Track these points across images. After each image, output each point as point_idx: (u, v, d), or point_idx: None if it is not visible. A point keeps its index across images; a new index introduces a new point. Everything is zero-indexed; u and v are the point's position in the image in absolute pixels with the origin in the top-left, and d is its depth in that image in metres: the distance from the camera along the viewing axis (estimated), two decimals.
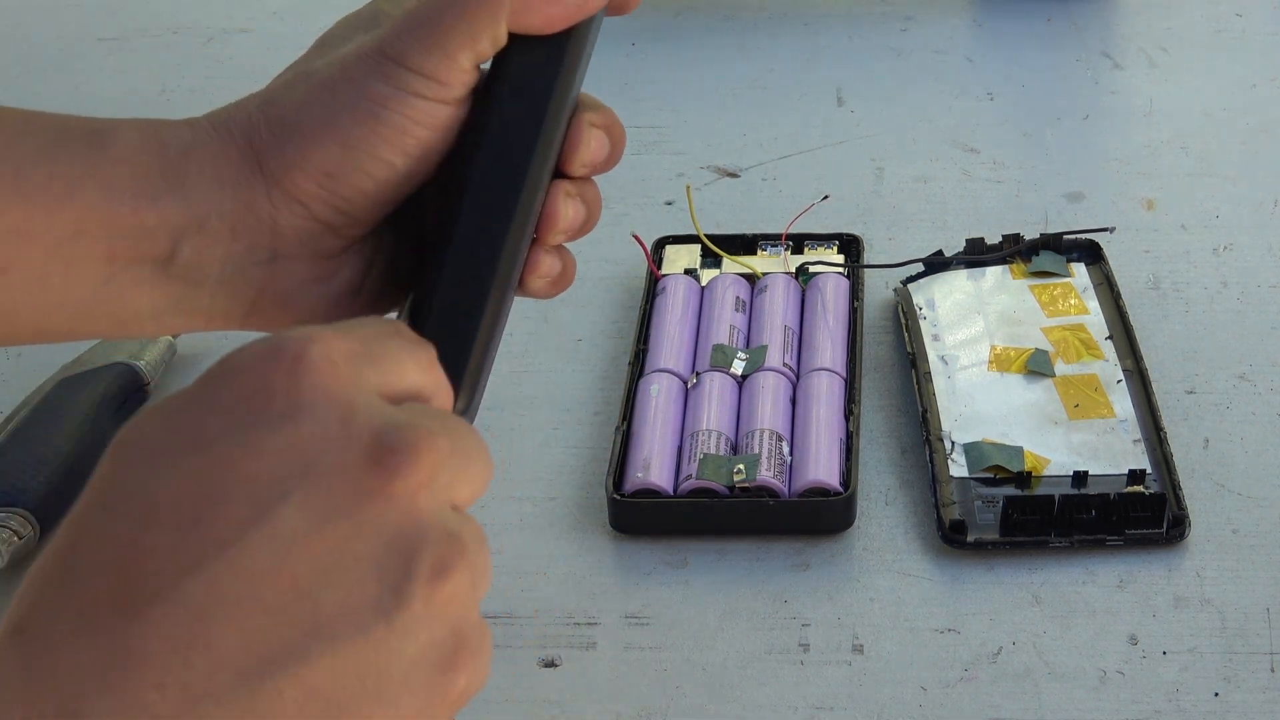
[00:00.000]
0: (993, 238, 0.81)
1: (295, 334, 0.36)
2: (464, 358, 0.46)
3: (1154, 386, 0.72)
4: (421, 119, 0.47)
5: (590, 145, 0.50)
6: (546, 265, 0.51)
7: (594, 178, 0.51)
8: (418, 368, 0.39)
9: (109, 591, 0.33)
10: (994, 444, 0.69)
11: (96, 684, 0.32)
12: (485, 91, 0.48)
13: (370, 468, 0.35)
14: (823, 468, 0.68)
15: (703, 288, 0.80)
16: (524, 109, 0.47)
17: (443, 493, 0.36)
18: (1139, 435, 0.70)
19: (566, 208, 0.50)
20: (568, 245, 0.52)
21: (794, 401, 0.72)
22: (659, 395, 0.72)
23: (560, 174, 0.50)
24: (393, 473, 0.35)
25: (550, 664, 0.63)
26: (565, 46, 0.48)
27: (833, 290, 0.78)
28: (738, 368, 0.74)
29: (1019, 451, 0.69)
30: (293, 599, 0.33)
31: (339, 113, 0.46)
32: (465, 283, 0.47)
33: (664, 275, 0.80)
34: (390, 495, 0.35)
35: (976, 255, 0.81)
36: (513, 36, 0.47)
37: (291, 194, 0.47)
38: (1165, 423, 0.70)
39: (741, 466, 0.68)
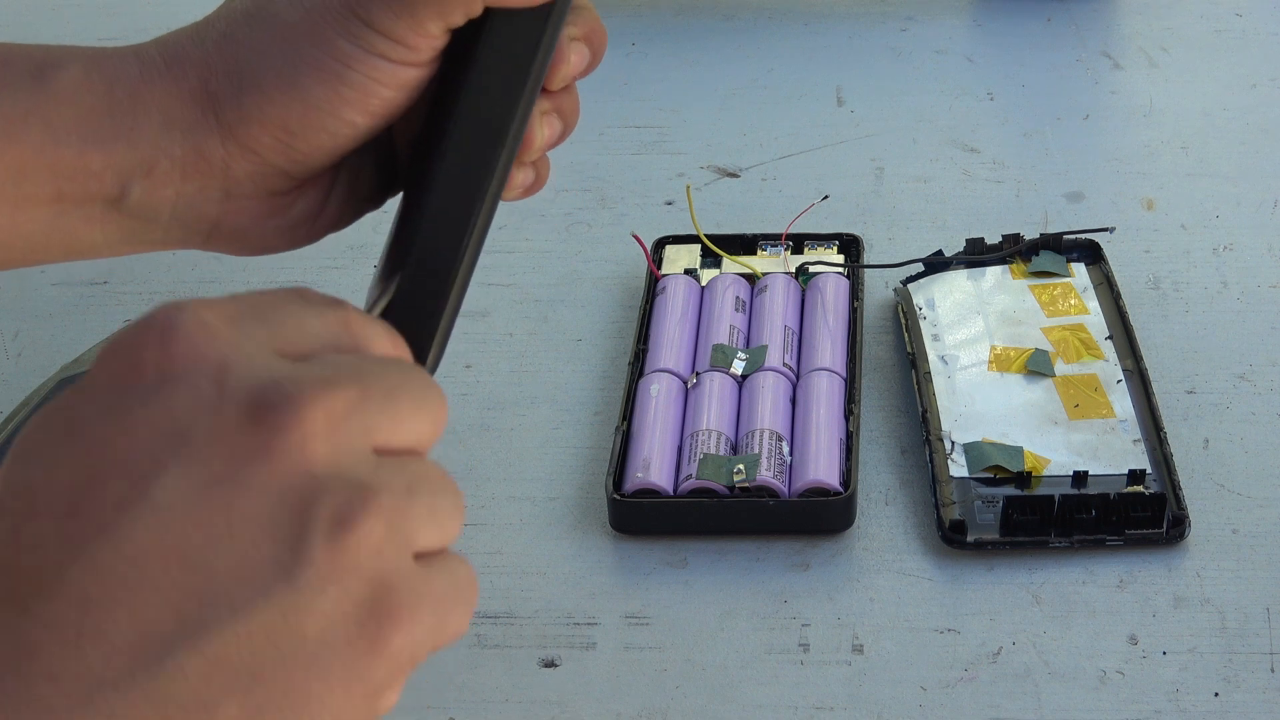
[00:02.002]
0: (993, 238, 0.81)
1: (169, 305, 0.34)
2: (436, 317, 0.46)
3: (1154, 386, 0.72)
4: (386, 80, 0.46)
5: (570, 61, 0.48)
6: (519, 178, 0.49)
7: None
8: (324, 321, 0.37)
9: None
10: (994, 444, 0.69)
11: None
12: (465, 55, 0.47)
13: (248, 427, 0.33)
14: (823, 468, 0.68)
15: (703, 288, 0.80)
16: (505, 79, 0.46)
17: (350, 440, 0.34)
18: (1139, 435, 0.70)
19: (542, 127, 0.49)
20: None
21: (794, 401, 0.72)
22: (659, 395, 0.72)
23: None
24: (273, 429, 0.33)
25: (550, 664, 0.63)
26: (547, 19, 0.47)
27: (833, 290, 0.78)
28: (738, 368, 0.74)
29: (1019, 451, 0.69)
30: (182, 572, 0.32)
31: (302, 70, 0.45)
32: (438, 249, 0.46)
33: (664, 275, 0.80)
34: (272, 452, 0.33)
35: (976, 255, 0.81)
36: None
37: (247, 145, 0.46)
38: (1165, 423, 0.70)
39: (741, 466, 0.68)
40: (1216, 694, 0.60)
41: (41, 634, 0.32)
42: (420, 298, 0.46)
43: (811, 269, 0.79)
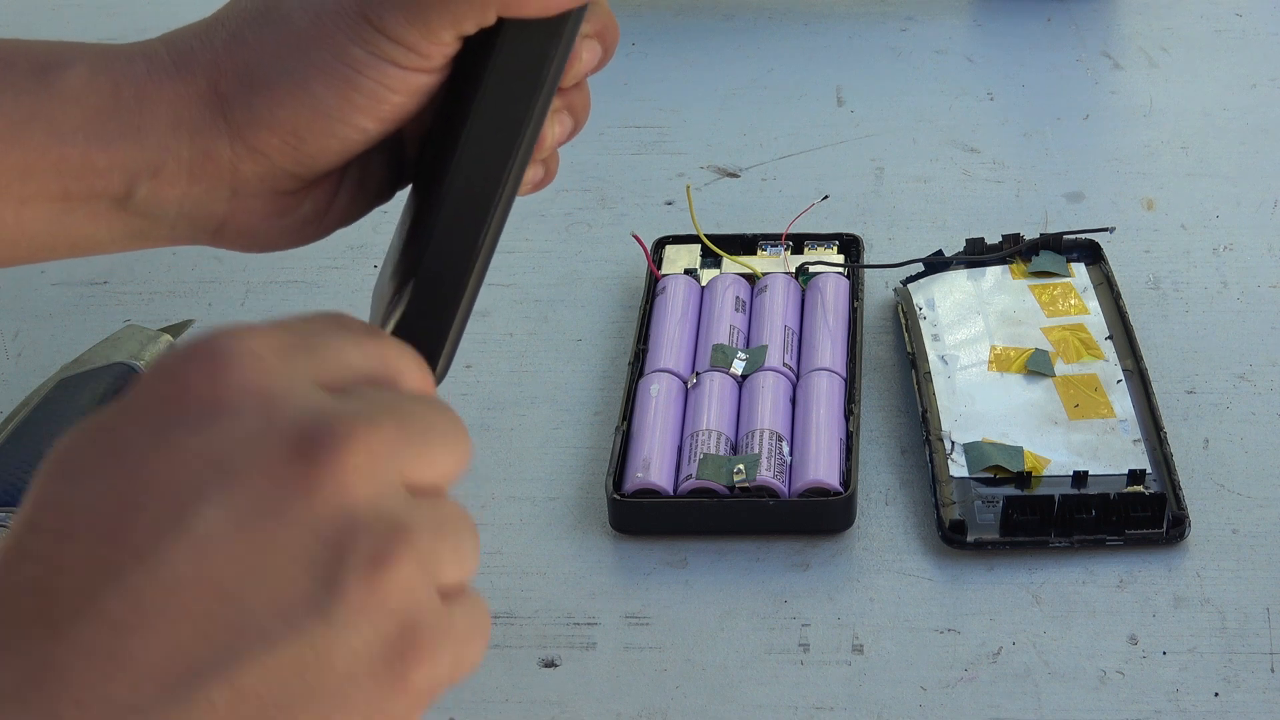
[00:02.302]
0: (993, 238, 0.81)
1: (220, 332, 0.35)
2: (447, 327, 0.46)
3: (1154, 386, 0.72)
4: (397, 86, 0.45)
5: (583, 58, 0.48)
6: (530, 175, 0.49)
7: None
8: (363, 353, 0.37)
9: (30, 610, 0.32)
10: (994, 444, 0.69)
11: (14, 704, 0.31)
12: (478, 61, 0.47)
13: (293, 461, 0.33)
14: (823, 468, 0.68)
15: (703, 288, 0.80)
16: (519, 89, 0.46)
17: (387, 477, 0.35)
18: (1139, 435, 0.70)
19: (553, 126, 0.48)
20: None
21: (794, 401, 0.72)
22: (659, 395, 0.72)
23: None
24: (317, 464, 0.33)
25: (550, 664, 0.63)
26: (563, 30, 0.46)
27: (833, 290, 0.78)
28: (738, 368, 0.74)
29: (1019, 451, 0.69)
30: (217, 602, 0.32)
31: (312, 74, 0.45)
32: (449, 260, 0.46)
33: (664, 275, 0.80)
34: (315, 488, 0.33)
35: (976, 255, 0.81)
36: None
37: (256, 147, 0.46)
38: (1165, 423, 0.70)
39: (741, 466, 0.68)
40: (1216, 694, 0.60)
41: (71, 657, 0.31)
42: (433, 308, 0.46)
43: (811, 269, 0.79)
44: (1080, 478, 0.68)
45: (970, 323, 0.77)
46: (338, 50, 0.45)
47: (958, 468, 0.69)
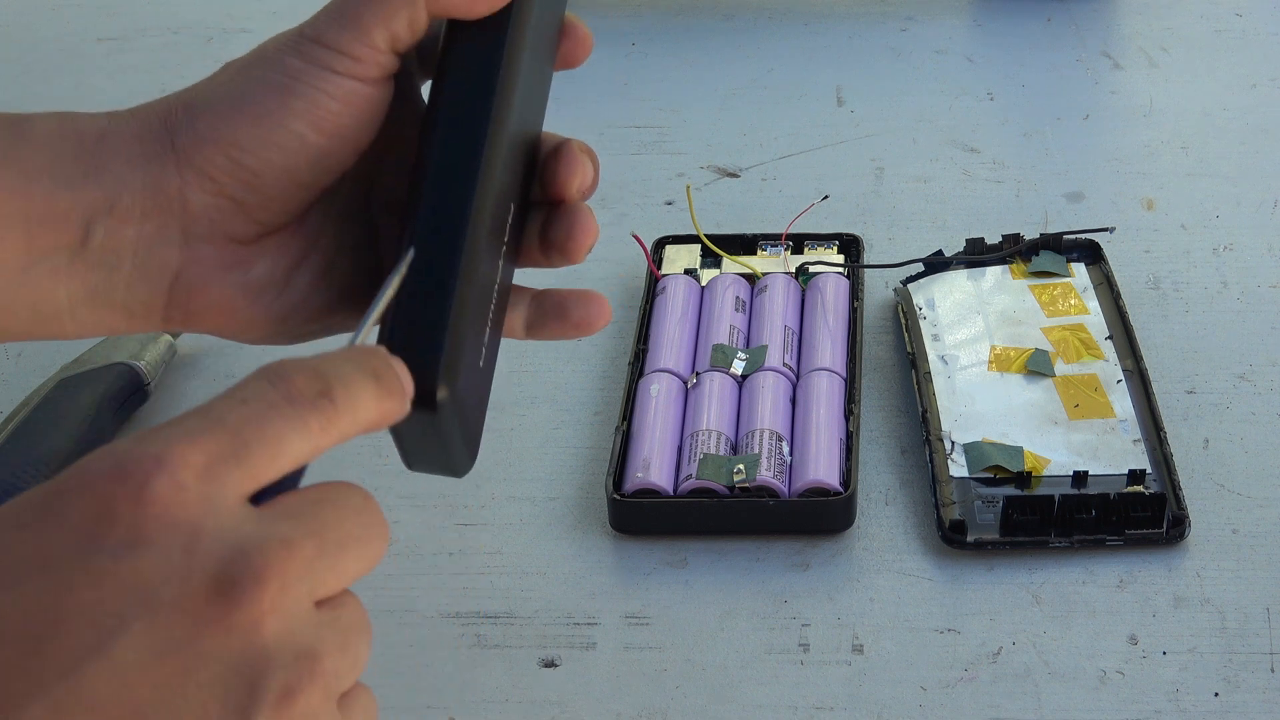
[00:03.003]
0: (993, 238, 0.81)
1: (145, 451, 0.35)
2: (435, 344, 0.44)
3: (1154, 386, 0.72)
4: (334, 93, 0.46)
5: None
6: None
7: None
8: (306, 439, 0.38)
9: None
10: (994, 444, 0.69)
11: None
12: (433, 87, 0.47)
13: (211, 599, 0.35)
14: (823, 468, 0.68)
15: (703, 288, 0.80)
16: (469, 97, 0.46)
17: (300, 605, 0.36)
18: (1139, 435, 0.70)
19: (574, 176, 0.51)
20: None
21: (794, 401, 0.72)
22: (659, 395, 0.72)
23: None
24: (234, 604, 0.35)
25: (550, 664, 0.63)
26: (504, 28, 0.46)
27: (833, 290, 0.78)
28: (738, 368, 0.74)
29: (1019, 451, 0.69)
30: None
31: (252, 88, 0.46)
32: (428, 274, 0.45)
33: (664, 275, 0.80)
34: (231, 626, 0.35)
35: (976, 255, 0.81)
36: (452, 24, 0.47)
37: (200, 168, 0.47)
38: (1165, 423, 0.70)
39: (741, 466, 0.68)
40: (1216, 694, 0.60)
41: None
42: (423, 304, 0.45)
43: (811, 269, 0.79)
44: (1080, 478, 0.68)
45: (970, 323, 0.77)
46: (277, 64, 0.47)
47: (958, 468, 0.69)
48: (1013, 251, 0.80)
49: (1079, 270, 0.80)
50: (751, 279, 0.80)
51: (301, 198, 0.48)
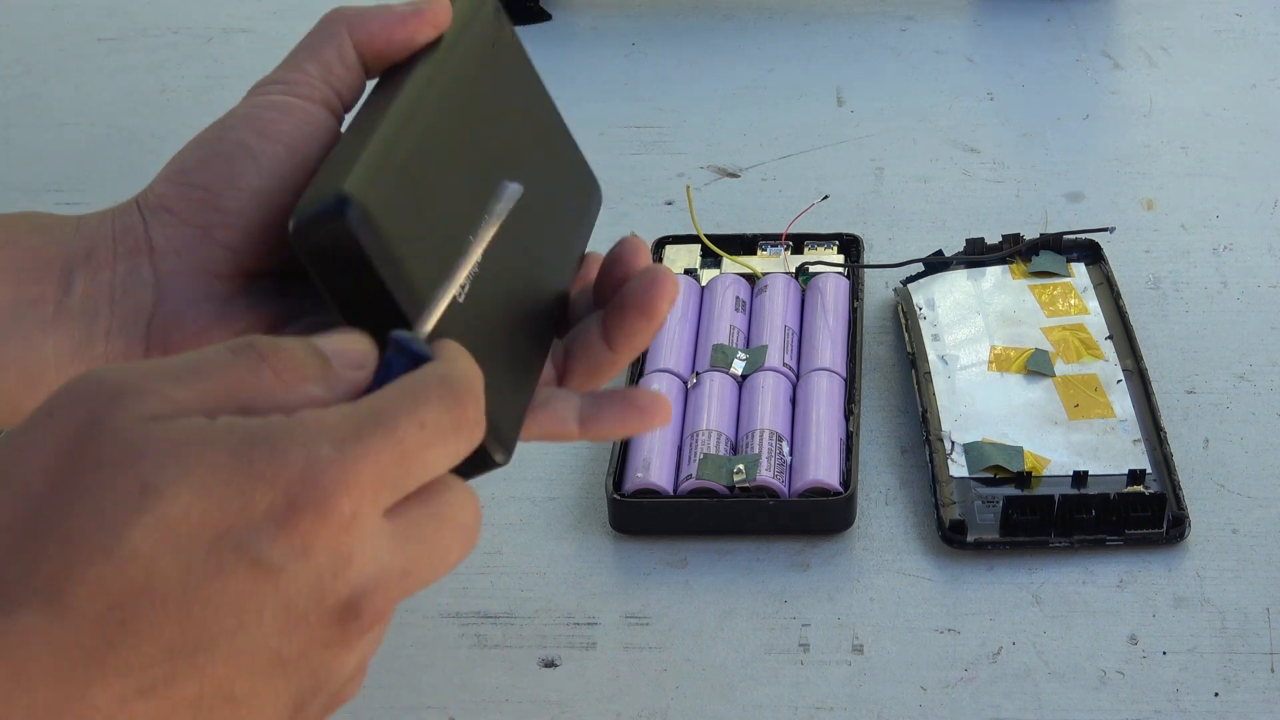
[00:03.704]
0: (993, 238, 0.81)
1: (335, 462, 0.37)
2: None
3: (1154, 386, 0.72)
4: (269, 104, 0.48)
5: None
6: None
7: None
8: (451, 463, 0.40)
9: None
10: (994, 444, 0.69)
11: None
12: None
13: (332, 625, 0.38)
14: (823, 468, 0.68)
15: (703, 288, 0.80)
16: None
17: (380, 635, 0.40)
18: (1139, 435, 0.70)
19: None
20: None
21: (794, 401, 0.72)
22: None
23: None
24: (349, 633, 0.38)
25: (550, 664, 0.63)
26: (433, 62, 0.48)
27: (833, 290, 0.78)
28: (738, 368, 0.74)
29: (1019, 451, 0.69)
30: (223, 703, 0.37)
31: (199, 133, 0.49)
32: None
33: None
34: (334, 650, 0.38)
35: (976, 255, 0.81)
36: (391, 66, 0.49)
37: (156, 204, 0.49)
38: (1165, 423, 0.70)
39: (741, 466, 0.68)
40: (1216, 694, 0.60)
41: (106, 701, 0.36)
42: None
43: (811, 269, 0.79)
44: (1080, 478, 0.68)
45: (970, 323, 0.77)
46: (228, 114, 0.49)
47: (958, 468, 0.69)
48: (1013, 251, 0.80)
49: (1079, 270, 0.80)
50: (751, 279, 0.80)
51: (266, 216, 0.49)
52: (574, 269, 0.53)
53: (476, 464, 0.47)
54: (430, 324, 0.42)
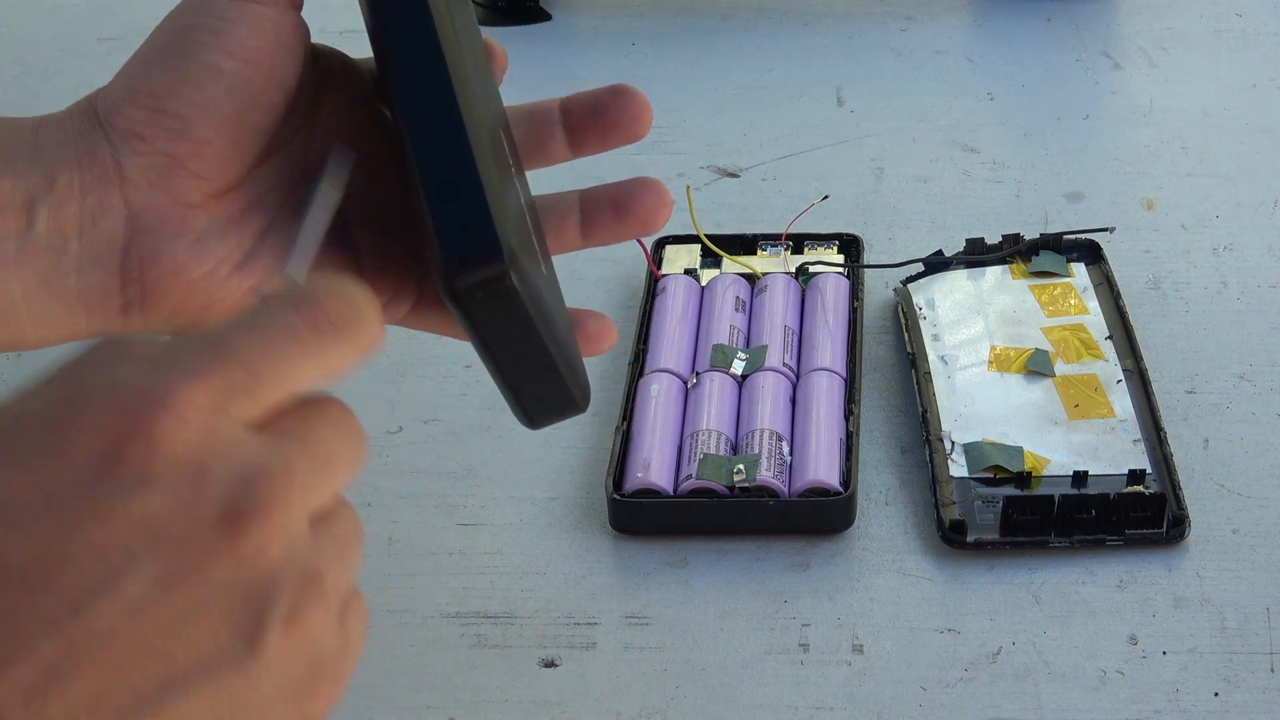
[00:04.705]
0: (993, 238, 0.81)
1: (151, 389, 0.35)
2: (483, 217, 0.43)
3: (1154, 386, 0.72)
4: (238, 18, 0.47)
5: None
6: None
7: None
8: (321, 368, 0.38)
9: None
10: (994, 444, 0.69)
11: None
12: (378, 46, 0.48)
13: (219, 532, 0.35)
14: (823, 468, 0.68)
15: (703, 288, 0.80)
16: (410, 25, 0.47)
17: (299, 525, 0.37)
18: (1139, 435, 0.70)
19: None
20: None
21: (794, 401, 0.72)
22: (659, 395, 0.72)
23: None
24: (242, 535, 0.35)
25: (550, 664, 0.63)
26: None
27: (833, 290, 0.78)
28: (738, 368, 0.74)
29: (1019, 451, 0.69)
30: (144, 655, 0.34)
31: (158, 38, 0.47)
32: (444, 162, 0.44)
33: (664, 275, 0.80)
34: (239, 556, 0.35)
35: (976, 255, 0.81)
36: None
37: (125, 128, 0.47)
38: (1165, 423, 0.70)
39: (741, 466, 0.68)
40: (1216, 694, 0.60)
41: (10, 693, 0.33)
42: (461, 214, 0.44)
43: (811, 269, 0.79)
44: (1080, 478, 0.68)
45: (970, 323, 0.77)
46: (179, 12, 0.48)
47: (958, 468, 0.69)
48: (1013, 251, 0.80)
49: (1079, 270, 0.80)
50: (751, 279, 0.80)
51: (237, 140, 0.48)
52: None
53: (557, 405, 0.46)
54: (303, 275, 0.41)
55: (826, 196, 0.89)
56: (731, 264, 0.81)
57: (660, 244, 0.83)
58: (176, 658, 0.35)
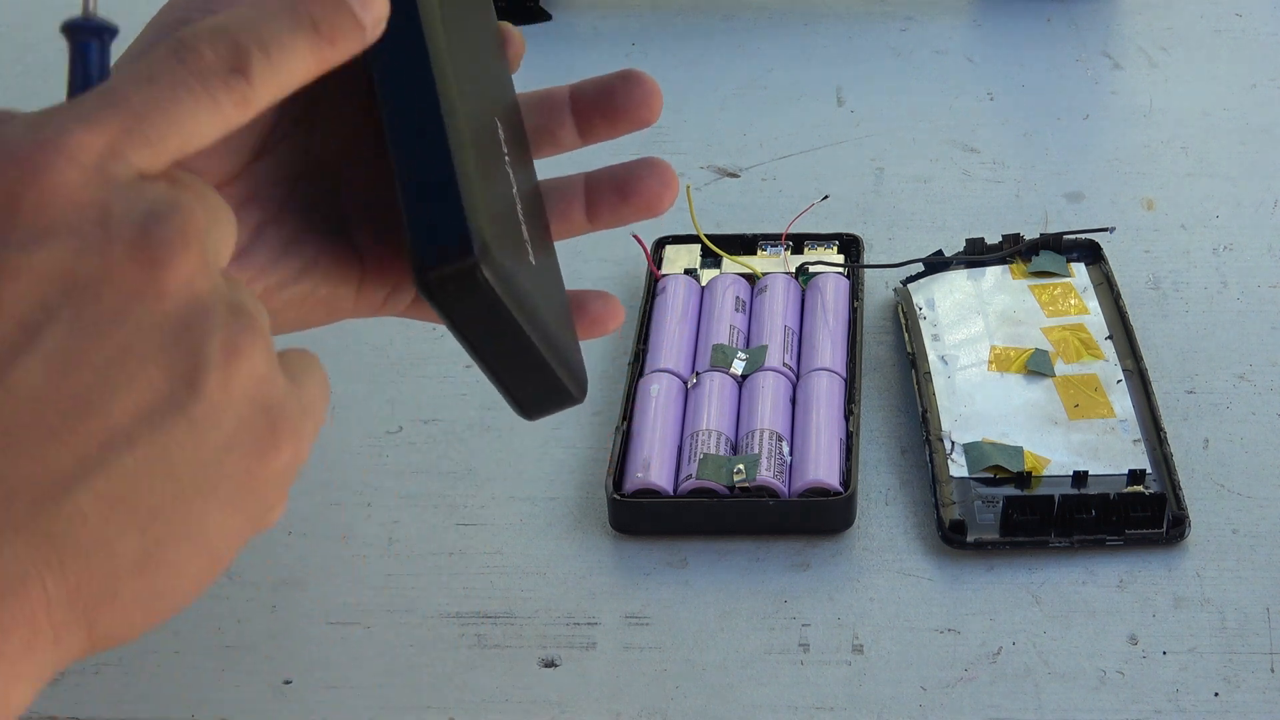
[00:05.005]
0: (993, 238, 0.81)
1: (40, 137, 0.34)
2: (453, 203, 0.43)
3: (1154, 386, 0.72)
4: (208, 6, 0.45)
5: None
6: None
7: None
8: (218, 115, 0.36)
9: None
10: (994, 444, 0.69)
11: None
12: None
13: (137, 265, 0.33)
14: (823, 468, 0.68)
15: (703, 288, 0.80)
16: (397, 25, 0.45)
17: (213, 265, 0.35)
18: (1139, 435, 0.70)
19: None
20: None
21: (794, 401, 0.72)
22: (659, 395, 0.72)
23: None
24: (162, 266, 0.33)
25: (550, 664, 0.63)
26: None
27: (833, 290, 0.78)
28: (738, 368, 0.74)
29: (1019, 451, 0.69)
30: (79, 414, 0.32)
31: (148, 36, 0.45)
32: (416, 148, 0.44)
33: (664, 275, 0.80)
34: (162, 290, 0.33)
35: (976, 255, 0.81)
36: None
37: None
38: (1165, 423, 0.70)
39: (741, 466, 0.68)
40: (1216, 694, 0.60)
41: None
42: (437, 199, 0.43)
43: (811, 269, 0.79)
44: (1080, 478, 0.68)
45: (970, 323, 0.77)
46: (167, 11, 0.45)
47: (958, 468, 0.69)
48: (1013, 251, 0.80)
49: (1079, 270, 0.80)
50: (751, 279, 0.80)
51: (231, 137, 0.47)
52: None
53: (550, 397, 0.46)
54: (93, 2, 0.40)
55: (826, 196, 0.89)
56: (731, 264, 0.81)
57: (660, 244, 0.83)
58: (113, 412, 0.33)
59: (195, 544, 0.34)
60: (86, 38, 0.38)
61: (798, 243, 0.82)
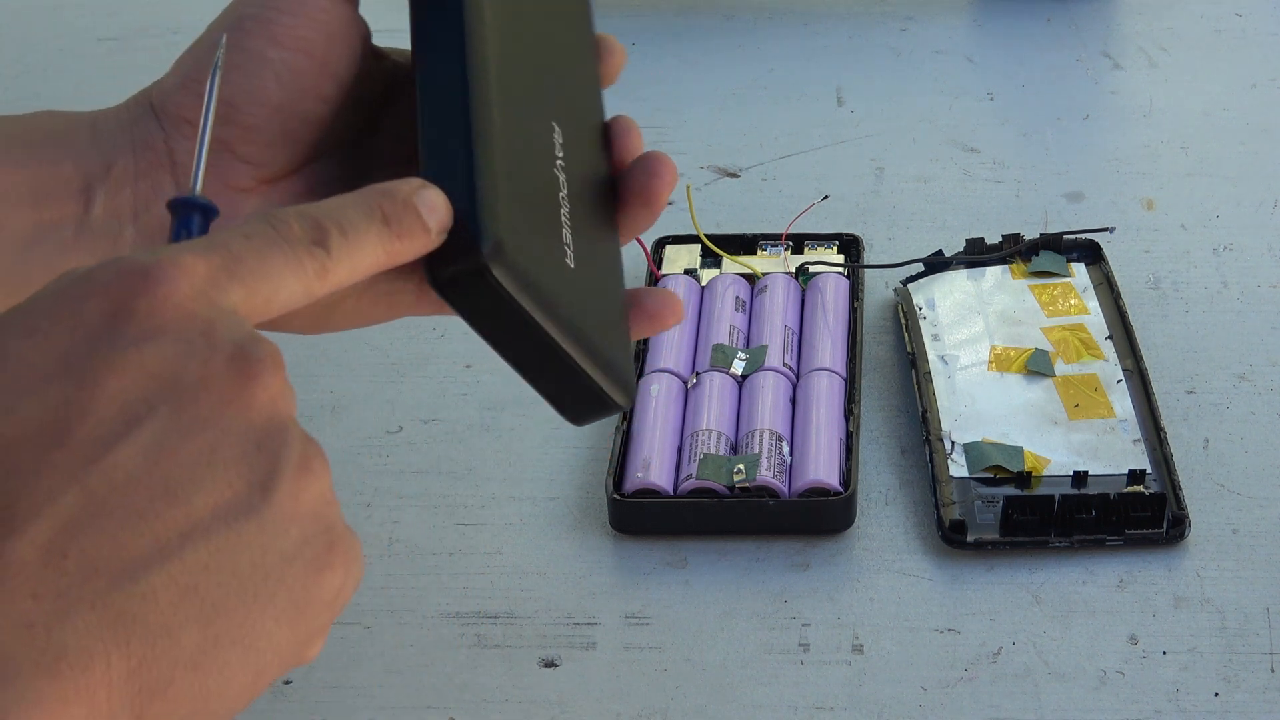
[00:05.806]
0: (993, 238, 0.81)
1: (153, 258, 0.36)
2: (470, 193, 0.43)
3: (1154, 386, 0.72)
4: (286, 8, 0.47)
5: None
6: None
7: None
8: (300, 280, 0.39)
9: None
10: (994, 444, 0.69)
11: None
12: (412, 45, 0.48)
13: (233, 377, 0.36)
14: (823, 468, 0.68)
15: (703, 288, 0.80)
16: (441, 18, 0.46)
17: (291, 403, 0.38)
18: (1139, 435, 0.70)
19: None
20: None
21: (794, 401, 0.72)
22: (659, 395, 0.72)
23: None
24: (255, 381, 0.36)
25: (550, 664, 0.63)
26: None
27: (833, 290, 0.78)
28: (738, 368, 0.74)
29: (1019, 451, 0.69)
30: (164, 503, 0.35)
31: (209, 33, 0.48)
32: (444, 133, 0.44)
33: (664, 275, 0.80)
34: (252, 402, 0.36)
35: (976, 255, 0.81)
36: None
37: (175, 114, 0.48)
38: (1165, 423, 0.70)
39: (741, 466, 0.68)
40: (1216, 694, 0.60)
41: (27, 552, 0.33)
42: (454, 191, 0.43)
43: (811, 269, 0.79)
44: (1080, 478, 0.68)
45: (970, 323, 0.77)
46: (232, 9, 0.48)
47: (958, 468, 0.69)
48: (1013, 251, 0.80)
49: (1079, 270, 0.80)
50: (751, 279, 0.80)
51: (286, 128, 0.48)
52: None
53: (587, 402, 0.46)
54: (199, 184, 0.42)
55: (826, 196, 0.89)
56: (731, 264, 0.81)
57: (660, 244, 0.83)
58: (195, 504, 0.35)
59: (246, 650, 0.36)
60: (190, 213, 0.41)
61: (798, 243, 0.82)
